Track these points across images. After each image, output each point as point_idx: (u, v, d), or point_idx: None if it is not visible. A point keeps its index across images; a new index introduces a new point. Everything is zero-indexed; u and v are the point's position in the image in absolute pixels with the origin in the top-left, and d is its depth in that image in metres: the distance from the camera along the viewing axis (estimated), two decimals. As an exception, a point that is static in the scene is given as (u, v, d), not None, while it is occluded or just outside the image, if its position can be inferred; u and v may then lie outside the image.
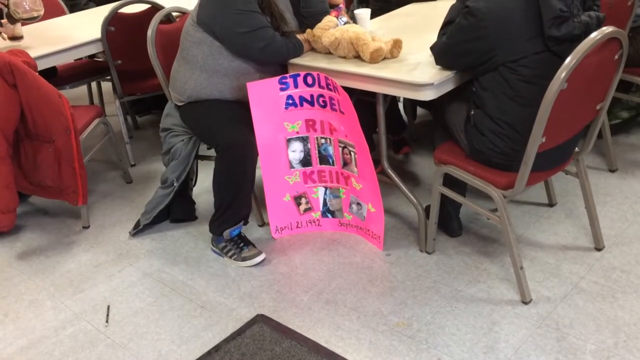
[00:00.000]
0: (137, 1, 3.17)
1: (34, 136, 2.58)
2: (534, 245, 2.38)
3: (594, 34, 1.79)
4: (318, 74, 2.29)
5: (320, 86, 2.32)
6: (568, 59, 1.76)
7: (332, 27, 2.42)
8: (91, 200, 3.01)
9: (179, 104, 2.56)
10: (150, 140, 3.76)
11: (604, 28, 1.82)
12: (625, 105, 3.07)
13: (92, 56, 3.62)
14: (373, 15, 2.82)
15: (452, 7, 2.17)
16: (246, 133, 2.34)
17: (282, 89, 2.33)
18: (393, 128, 3.12)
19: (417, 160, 3.16)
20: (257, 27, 2.33)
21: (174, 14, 3.01)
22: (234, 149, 2.32)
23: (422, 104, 2.84)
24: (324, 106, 2.36)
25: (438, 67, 2.14)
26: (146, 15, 3.08)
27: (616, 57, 1.93)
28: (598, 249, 2.31)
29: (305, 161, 2.49)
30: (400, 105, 3.35)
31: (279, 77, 2.31)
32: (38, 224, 2.90)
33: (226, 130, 2.36)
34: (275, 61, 2.45)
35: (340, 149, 2.42)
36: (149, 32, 2.67)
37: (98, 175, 3.33)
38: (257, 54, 2.38)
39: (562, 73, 1.76)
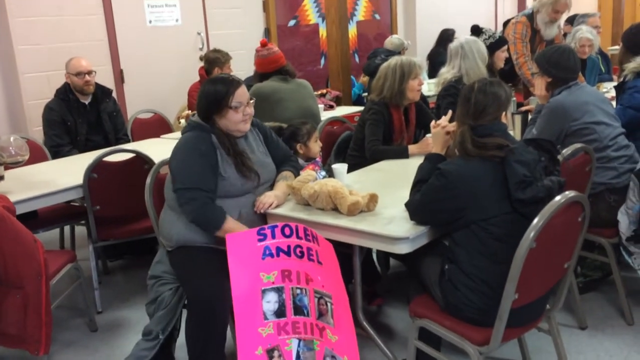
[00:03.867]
0: (122, 150, 3.27)
1: (2, 282, 2.52)
2: (512, 405, 2.32)
3: (558, 198, 1.92)
4: (297, 225, 2.35)
5: (298, 237, 2.36)
6: (536, 220, 1.86)
7: (311, 181, 2.53)
8: (53, 349, 2.87)
9: (169, 249, 2.57)
10: (120, 286, 3.69)
11: (567, 192, 1.95)
12: (590, 264, 3.18)
13: (69, 200, 3.66)
14: (349, 170, 2.97)
15: (420, 167, 2.32)
16: (218, 288, 2.31)
17: (260, 240, 2.36)
18: (367, 279, 3.14)
19: (390, 312, 3.15)
20: (181, 185, 2.44)
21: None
22: (202, 305, 2.29)
23: (396, 256, 2.91)
24: (301, 257, 2.38)
25: (413, 221, 2.22)
26: (129, 164, 3.17)
27: (579, 219, 2.04)
28: (576, 410, 2.26)
29: (280, 312, 2.46)
30: (374, 255, 3.40)
31: (257, 228, 2.36)
32: (-7, 374, 2.74)
33: (197, 282, 2.34)
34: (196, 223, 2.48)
35: (316, 299, 2.41)
36: (148, 180, 2.70)
37: (62, 322, 3.21)
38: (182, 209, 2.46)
39: (530, 233, 1.85)
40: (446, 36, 7.39)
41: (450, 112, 2.48)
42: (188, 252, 2.48)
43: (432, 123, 2.54)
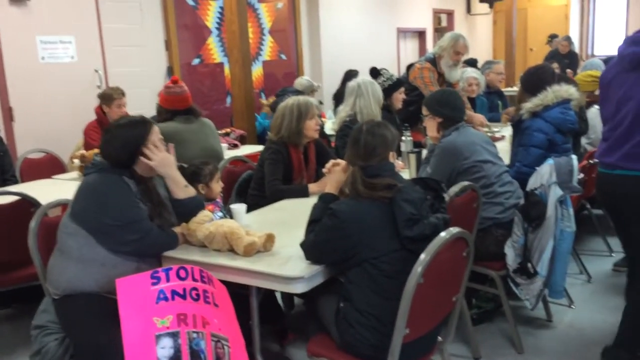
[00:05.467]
0: (6, 192, 3.10)
1: None
2: None
3: (443, 234, 2.01)
4: (192, 267, 2.30)
5: (193, 279, 2.31)
6: (422, 256, 1.94)
7: (207, 222, 2.50)
8: None
9: (55, 297, 2.42)
10: (5, 337, 3.44)
11: (452, 229, 2.05)
12: (483, 296, 3.32)
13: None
14: (249, 209, 2.95)
15: (314, 207, 2.36)
16: (107, 336, 2.21)
17: (153, 284, 2.29)
18: (271, 318, 3.11)
19: (292, 352, 3.12)
20: (132, 220, 2.35)
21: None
22: (89, 355, 2.20)
23: (299, 293, 2.91)
24: (197, 299, 2.33)
25: (308, 261, 2.24)
26: (14, 207, 3.00)
27: (464, 254, 2.14)
28: None
29: (176, 358, 2.37)
30: (278, 294, 3.37)
31: (150, 271, 2.29)
32: None
33: (84, 331, 2.24)
34: (150, 254, 2.45)
35: (213, 343, 2.35)
36: (32, 224, 2.54)
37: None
38: (131, 246, 2.38)
39: (418, 268, 1.92)
40: (350, 76, 7.59)
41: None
42: (75, 299, 2.36)
43: (329, 164, 2.57)
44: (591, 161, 3.55)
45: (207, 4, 7.17)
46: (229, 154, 4.68)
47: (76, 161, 3.99)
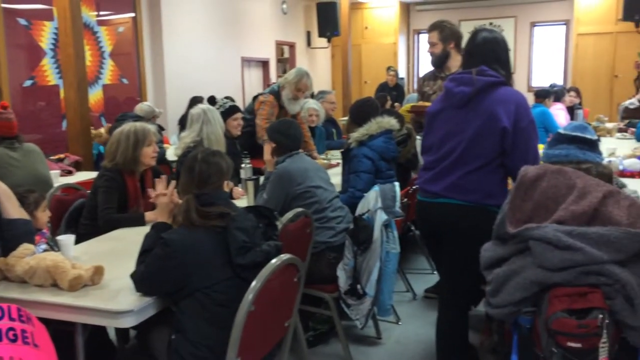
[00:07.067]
0: None
1: None
2: None
3: (274, 260, 2.08)
4: (9, 306, 2.13)
5: (11, 319, 2.14)
6: (253, 283, 1.99)
7: (28, 255, 2.34)
8: None
9: None
10: None
11: (282, 255, 2.12)
12: (319, 318, 3.44)
13: None
14: (81, 240, 2.80)
15: (147, 236, 2.31)
16: None
17: (-37, 325, 2.09)
18: (101, 355, 2.96)
19: (127, 390, 3.00)
20: None
21: None
22: None
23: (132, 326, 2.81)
24: (14, 340, 2.15)
25: (139, 293, 2.18)
26: None
27: (295, 279, 2.22)
28: None
29: (-10, 406, 2.18)
30: (112, 329, 3.22)
31: (-42, 312, 2.09)
32: None
33: None
34: None
35: (33, 387, 2.19)
36: None
37: None
38: None
39: (249, 296, 1.96)
40: (195, 102, 7.58)
41: (174, 182, 2.54)
42: None
43: (154, 193, 2.56)
44: (414, 186, 3.86)
45: (42, 24, 6.76)
46: (61, 180, 4.42)
47: None
